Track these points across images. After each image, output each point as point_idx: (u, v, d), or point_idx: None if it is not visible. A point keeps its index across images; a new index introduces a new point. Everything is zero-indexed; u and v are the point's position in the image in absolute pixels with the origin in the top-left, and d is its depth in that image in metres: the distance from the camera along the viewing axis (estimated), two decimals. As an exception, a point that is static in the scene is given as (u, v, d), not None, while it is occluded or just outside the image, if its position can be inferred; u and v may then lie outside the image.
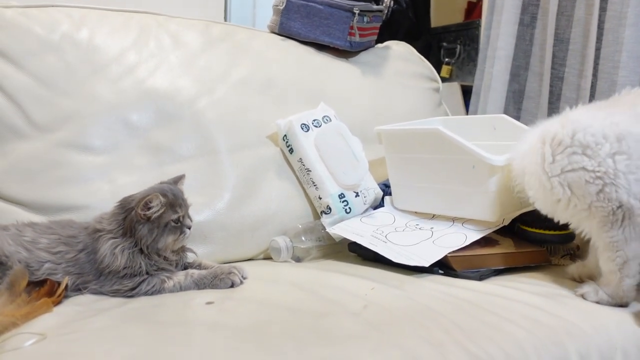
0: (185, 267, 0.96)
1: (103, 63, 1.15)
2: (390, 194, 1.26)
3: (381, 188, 1.28)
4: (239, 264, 1.00)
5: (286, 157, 1.26)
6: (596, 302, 0.88)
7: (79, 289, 0.88)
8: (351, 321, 0.77)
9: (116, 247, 0.88)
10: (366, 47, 1.55)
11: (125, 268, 0.87)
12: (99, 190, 1.06)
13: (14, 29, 1.10)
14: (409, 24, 2.31)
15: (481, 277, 1.00)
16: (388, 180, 1.26)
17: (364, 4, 1.46)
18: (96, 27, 1.18)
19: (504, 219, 1.09)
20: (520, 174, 0.96)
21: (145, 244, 0.89)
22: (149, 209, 0.88)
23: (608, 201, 0.83)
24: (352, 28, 1.45)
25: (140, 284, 0.88)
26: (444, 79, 2.11)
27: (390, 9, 2.22)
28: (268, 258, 1.17)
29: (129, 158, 1.11)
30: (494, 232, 1.09)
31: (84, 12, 1.19)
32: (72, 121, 1.09)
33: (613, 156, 0.83)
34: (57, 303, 0.82)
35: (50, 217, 1.00)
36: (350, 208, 1.20)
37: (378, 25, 1.55)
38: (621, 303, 0.88)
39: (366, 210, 1.23)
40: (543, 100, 1.61)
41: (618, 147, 0.83)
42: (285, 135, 1.23)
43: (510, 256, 1.06)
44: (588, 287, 0.90)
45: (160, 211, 0.89)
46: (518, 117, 1.68)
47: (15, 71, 1.08)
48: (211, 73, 1.27)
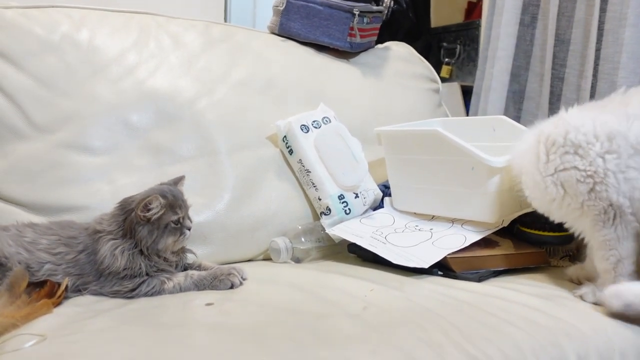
0: (185, 268, 0.97)
1: (103, 64, 1.15)
2: (390, 195, 1.26)
3: (381, 189, 1.28)
4: (238, 265, 1.00)
5: (286, 158, 1.26)
6: (594, 303, 0.88)
7: (79, 290, 0.88)
8: (350, 322, 0.77)
9: (116, 248, 0.88)
10: (366, 47, 1.55)
11: (125, 269, 0.88)
12: (99, 191, 1.06)
13: (14, 29, 1.10)
14: (409, 24, 2.31)
15: (480, 279, 1.00)
16: (387, 181, 1.26)
17: (363, 4, 1.46)
18: (96, 28, 1.18)
19: (503, 220, 1.09)
20: (518, 173, 0.97)
21: (145, 245, 0.89)
22: (149, 210, 0.89)
23: (599, 200, 0.84)
24: (352, 29, 1.45)
25: (140, 285, 0.88)
26: (444, 79, 2.11)
27: (390, 9, 2.22)
28: (268, 259, 1.17)
29: (129, 159, 1.11)
30: (493, 233, 1.09)
31: (84, 13, 1.19)
32: (72, 122, 1.09)
33: (603, 155, 0.84)
34: (57, 304, 0.82)
35: (51, 217, 1.00)
36: (349, 209, 1.20)
37: (378, 26, 1.55)
38: None
39: (366, 212, 1.23)
40: (543, 100, 1.61)
41: (609, 146, 0.84)
42: (285, 136, 1.23)
43: (509, 257, 1.06)
44: (586, 289, 0.91)
45: (160, 212, 0.90)
46: (518, 118, 1.68)
47: (15, 72, 1.08)
48: (211, 74, 1.27)
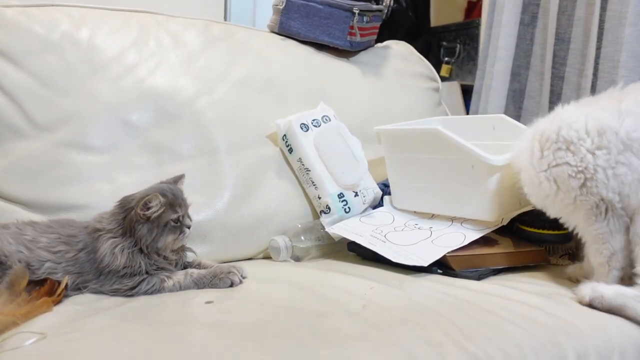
0: (185, 267, 0.97)
1: (103, 62, 1.15)
2: (390, 193, 1.26)
3: (380, 188, 1.28)
4: (238, 263, 1.00)
5: (286, 157, 1.26)
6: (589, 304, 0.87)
7: (79, 288, 0.88)
8: (350, 321, 0.77)
9: (116, 246, 0.88)
10: (366, 46, 1.55)
11: (125, 267, 0.88)
12: (99, 190, 1.06)
13: (14, 28, 1.10)
14: (408, 23, 2.31)
15: (480, 277, 1.00)
16: (387, 180, 1.26)
17: (363, 3, 1.46)
18: (96, 27, 1.18)
19: (502, 219, 1.09)
20: (518, 171, 0.98)
21: (144, 243, 0.89)
22: (149, 208, 0.89)
23: (590, 195, 0.85)
24: (352, 28, 1.45)
25: (140, 283, 0.88)
26: (444, 78, 2.11)
27: (390, 8, 2.22)
28: (267, 257, 1.17)
29: (128, 158, 1.11)
30: (493, 231, 1.09)
31: (84, 12, 1.19)
32: (72, 121, 1.09)
33: (594, 151, 0.85)
34: (57, 302, 0.82)
35: (51, 216, 1.00)
36: (349, 208, 1.20)
37: (378, 24, 1.55)
38: None
39: (365, 210, 1.23)
40: (544, 99, 1.61)
41: (599, 142, 0.85)
42: (285, 135, 1.23)
43: (509, 256, 1.06)
44: (585, 289, 0.89)
45: (160, 211, 0.90)
46: (519, 117, 1.68)
47: (15, 70, 1.08)
48: (211, 72, 1.27)
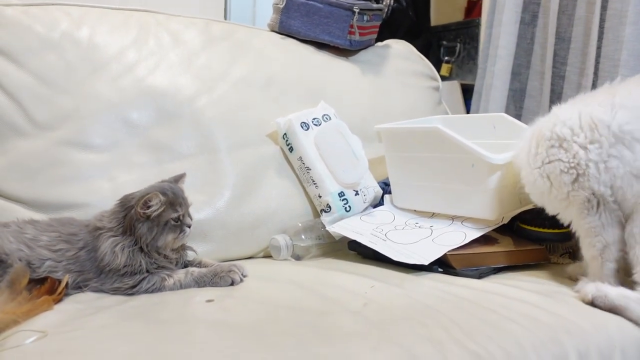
0: (186, 265, 0.97)
1: (103, 61, 1.15)
2: (390, 192, 1.26)
3: (381, 186, 1.28)
4: (239, 262, 1.00)
5: (286, 156, 1.26)
6: (590, 303, 0.87)
7: (79, 287, 0.88)
8: (351, 319, 0.77)
9: (116, 245, 0.88)
10: (366, 45, 1.55)
11: (125, 266, 0.87)
12: (99, 189, 1.06)
13: (14, 27, 1.10)
14: (409, 22, 2.31)
15: (480, 276, 1.00)
16: (388, 178, 1.26)
17: (364, 2, 1.46)
18: (96, 26, 1.18)
19: (503, 218, 1.09)
20: (518, 170, 0.99)
21: (145, 242, 0.89)
22: (149, 207, 0.89)
23: (582, 190, 0.86)
24: (352, 27, 1.45)
25: (141, 282, 0.88)
26: (444, 78, 2.11)
27: (390, 7, 2.22)
28: (268, 256, 1.17)
29: (129, 156, 1.11)
30: (493, 230, 1.09)
31: (84, 11, 1.19)
32: (72, 119, 1.09)
33: (586, 146, 0.86)
34: (58, 301, 0.82)
35: (51, 215, 1.00)
36: (350, 206, 1.20)
37: (378, 23, 1.55)
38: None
39: (366, 209, 1.23)
40: (544, 99, 1.61)
41: (591, 136, 0.86)
42: (285, 134, 1.23)
43: (509, 254, 1.06)
44: (587, 287, 0.89)
45: (160, 210, 0.89)
46: (519, 116, 1.68)
47: (15, 69, 1.08)
48: (211, 71, 1.27)
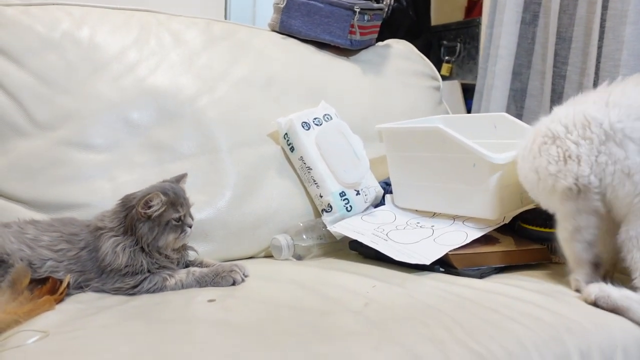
0: (187, 265, 0.97)
1: (104, 61, 1.15)
2: (391, 192, 1.26)
3: (382, 186, 1.28)
4: (240, 262, 1.00)
5: (287, 156, 1.26)
6: (578, 289, 0.92)
7: (81, 287, 0.88)
8: (352, 319, 0.77)
9: (117, 245, 0.88)
10: (367, 45, 1.54)
11: (126, 266, 0.87)
12: (100, 189, 1.06)
13: (14, 27, 1.10)
14: (409, 22, 2.31)
15: (482, 275, 1.00)
16: (389, 178, 1.26)
17: (364, 2, 1.46)
18: (97, 26, 1.18)
19: (504, 217, 1.09)
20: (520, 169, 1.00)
21: (146, 242, 0.89)
22: (150, 207, 0.89)
23: (565, 179, 0.89)
24: (352, 26, 1.45)
25: (142, 282, 0.88)
26: (444, 77, 2.11)
27: (390, 7, 2.22)
28: (269, 256, 1.17)
29: (129, 156, 1.11)
30: (495, 230, 1.09)
31: (85, 10, 1.19)
32: (73, 119, 1.09)
33: (578, 141, 0.89)
34: (59, 301, 0.82)
35: (52, 215, 1.00)
36: (351, 206, 1.20)
37: (378, 23, 1.55)
38: (593, 263, 0.92)
39: (367, 209, 1.23)
40: (545, 98, 1.61)
41: (583, 134, 0.89)
42: (286, 134, 1.23)
43: (510, 254, 1.06)
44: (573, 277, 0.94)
45: (161, 210, 0.89)
46: (520, 116, 1.68)
47: (16, 69, 1.08)
48: (212, 71, 1.27)
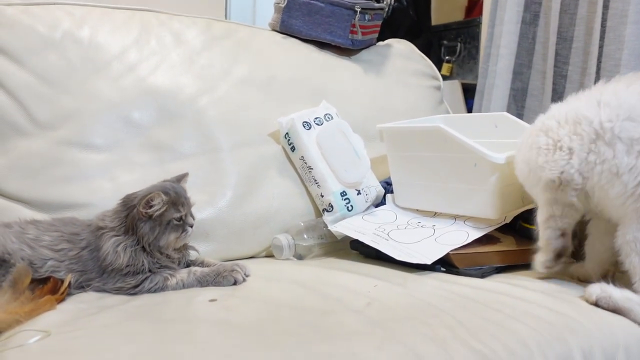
0: (188, 265, 0.96)
1: (104, 61, 1.15)
2: (392, 191, 1.26)
3: (383, 186, 1.28)
4: (241, 261, 1.00)
5: (288, 155, 1.26)
6: (544, 269, 0.95)
7: (82, 287, 0.87)
8: (354, 318, 0.77)
9: (119, 244, 0.88)
10: (367, 45, 1.54)
11: (128, 266, 0.87)
12: (100, 188, 1.06)
13: (15, 26, 1.10)
14: (409, 22, 2.31)
15: (483, 275, 1.00)
16: (390, 178, 1.26)
17: (365, 1, 1.46)
18: (98, 25, 1.18)
19: (505, 217, 1.09)
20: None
21: (147, 241, 0.89)
22: (151, 207, 0.88)
23: (551, 170, 0.91)
24: (353, 26, 1.45)
25: (143, 281, 0.88)
26: (445, 77, 2.11)
27: (391, 7, 2.22)
28: (270, 256, 1.17)
29: (130, 156, 1.11)
30: (496, 229, 1.09)
31: (86, 10, 1.19)
32: (74, 119, 1.09)
33: (569, 136, 0.90)
34: (61, 300, 0.82)
35: (53, 214, 1.00)
36: (352, 206, 1.20)
37: (379, 23, 1.55)
38: (556, 253, 0.94)
39: (368, 208, 1.23)
40: (546, 98, 1.61)
41: (574, 130, 0.89)
42: (287, 133, 1.23)
43: (512, 254, 1.06)
44: (537, 260, 0.97)
45: (162, 209, 0.89)
46: (521, 116, 1.68)
47: (16, 69, 1.08)
48: (213, 71, 1.26)
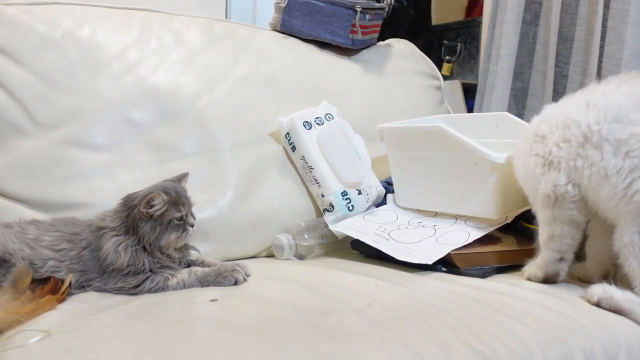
0: (189, 265, 0.96)
1: (105, 61, 1.15)
2: (393, 191, 1.26)
3: (384, 186, 1.28)
4: (242, 261, 1.00)
5: (288, 155, 1.26)
6: (528, 279, 0.96)
7: (82, 287, 0.87)
8: (355, 318, 0.77)
9: (119, 244, 0.88)
10: (368, 44, 1.54)
11: (128, 266, 0.87)
12: (101, 188, 1.06)
13: (16, 26, 1.10)
14: (410, 21, 2.30)
15: (484, 275, 1.00)
16: (390, 178, 1.26)
17: (365, 1, 1.46)
18: (98, 25, 1.18)
19: (506, 217, 1.09)
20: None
21: (148, 241, 0.89)
22: (152, 206, 0.88)
23: (546, 184, 0.90)
24: (354, 26, 1.45)
25: (144, 281, 0.88)
26: (445, 77, 2.11)
27: (391, 6, 2.21)
28: (271, 256, 1.17)
29: (131, 156, 1.11)
30: (497, 229, 1.09)
31: (86, 10, 1.19)
32: (74, 119, 1.09)
33: (559, 143, 0.89)
34: (61, 300, 0.82)
35: (53, 214, 1.00)
36: (352, 206, 1.20)
37: (380, 22, 1.55)
38: (546, 277, 0.94)
39: (369, 208, 1.23)
40: (547, 98, 1.61)
41: (563, 135, 0.88)
42: (288, 133, 1.23)
43: (513, 254, 1.05)
44: (530, 267, 0.96)
45: (163, 209, 0.89)
46: (522, 116, 1.68)
47: (17, 69, 1.08)
48: (213, 71, 1.26)
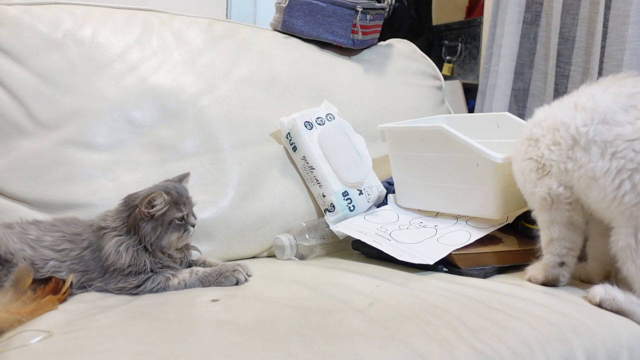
0: (190, 265, 0.97)
1: (106, 61, 1.15)
2: (394, 192, 1.26)
3: (385, 186, 1.28)
4: (243, 261, 1.00)
5: (289, 155, 1.26)
6: (528, 280, 0.95)
7: (83, 287, 0.88)
8: (357, 318, 0.77)
9: (121, 244, 0.88)
10: (369, 44, 1.54)
11: (130, 266, 0.87)
12: (102, 188, 1.06)
13: (17, 26, 1.10)
14: (410, 21, 2.30)
15: (485, 275, 1.00)
16: (392, 178, 1.26)
17: (366, 1, 1.46)
18: (99, 25, 1.18)
19: (507, 217, 1.09)
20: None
21: (149, 241, 0.89)
22: (153, 206, 0.88)
23: (541, 187, 0.91)
24: (355, 26, 1.45)
25: (145, 281, 0.88)
26: (446, 77, 2.11)
27: (392, 6, 2.21)
28: (272, 256, 1.17)
29: (132, 156, 1.11)
30: (498, 229, 1.09)
31: (87, 10, 1.19)
32: (76, 119, 1.09)
33: (550, 147, 0.89)
34: (62, 301, 0.82)
35: (54, 214, 1.00)
36: (354, 206, 1.20)
37: (380, 23, 1.55)
38: (546, 280, 0.93)
39: (370, 208, 1.23)
40: (548, 98, 1.61)
41: (553, 138, 0.89)
42: (289, 133, 1.23)
43: (514, 254, 1.05)
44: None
45: (164, 209, 0.89)
46: (523, 116, 1.68)
47: (18, 69, 1.08)
48: (214, 71, 1.26)
